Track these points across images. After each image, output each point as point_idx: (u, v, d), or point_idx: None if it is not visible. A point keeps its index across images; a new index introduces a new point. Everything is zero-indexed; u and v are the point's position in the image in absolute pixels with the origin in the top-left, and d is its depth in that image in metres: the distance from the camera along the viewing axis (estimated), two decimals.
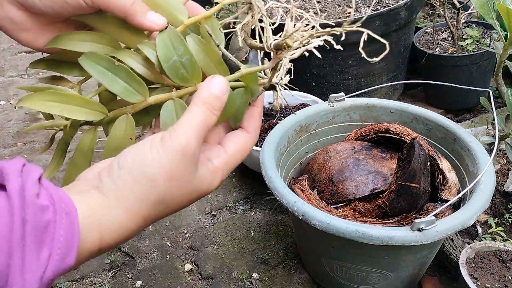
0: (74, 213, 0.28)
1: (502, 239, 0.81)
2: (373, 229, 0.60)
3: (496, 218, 0.87)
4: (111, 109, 0.39)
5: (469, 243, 0.76)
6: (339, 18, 1.21)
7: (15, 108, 1.46)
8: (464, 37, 1.30)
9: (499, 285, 0.68)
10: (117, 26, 0.38)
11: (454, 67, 1.27)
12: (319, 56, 0.36)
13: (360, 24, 0.32)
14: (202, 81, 0.36)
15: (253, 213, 1.04)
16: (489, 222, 0.85)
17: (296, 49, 0.32)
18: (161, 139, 0.31)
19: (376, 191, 0.75)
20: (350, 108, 0.92)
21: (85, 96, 0.38)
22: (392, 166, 0.79)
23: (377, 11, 1.17)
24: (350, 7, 1.28)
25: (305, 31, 0.32)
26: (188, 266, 0.91)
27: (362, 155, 0.82)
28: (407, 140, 0.80)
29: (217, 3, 0.38)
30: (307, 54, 0.34)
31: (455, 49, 1.28)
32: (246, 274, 0.88)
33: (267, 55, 0.36)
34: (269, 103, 1.26)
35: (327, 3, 1.34)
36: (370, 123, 0.90)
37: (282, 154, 0.84)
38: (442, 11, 1.31)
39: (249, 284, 0.86)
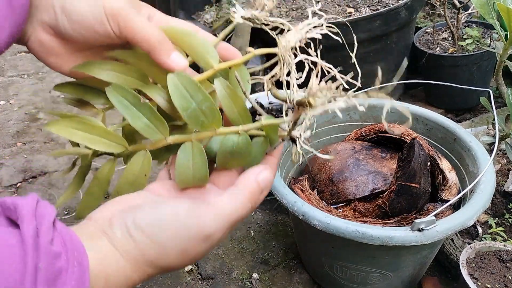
0: (85, 263, 0.28)
1: (502, 239, 0.81)
2: (373, 229, 0.60)
3: (497, 218, 0.87)
4: (133, 140, 0.39)
5: (469, 243, 0.76)
6: (339, 17, 1.21)
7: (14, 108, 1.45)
8: (464, 37, 1.30)
9: (499, 285, 0.67)
10: (144, 61, 0.38)
11: (454, 67, 1.26)
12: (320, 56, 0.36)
13: (384, 91, 0.31)
14: (223, 125, 0.37)
15: (253, 213, 1.04)
16: (489, 222, 0.85)
17: (318, 107, 0.32)
18: (187, 214, 0.31)
19: (376, 191, 0.75)
20: (350, 108, 0.92)
21: (109, 126, 0.39)
22: (392, 166, 0.79)
23: (377, 11, 1.17)
24: (350, 7, 1.28)
25: (330, 89, 0.32)
26: (188, 266, 0.91)
27: (362, 155, 0.81)
28: (407, 140, 0.80)
29: (217, 2, 0.38)
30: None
31: (455, 49, 1.28)
32: (246, 274, 0.88)
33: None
34: (269, 103, 1.26)
35: (327, 3, 1.34)
36: (370, 123, 0.90)
37: (282, 154, 0.84)
38: (442, 11, 1.30)
39: (249, 284, 0.86)
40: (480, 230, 0.83)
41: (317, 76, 0.32)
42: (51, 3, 0.35)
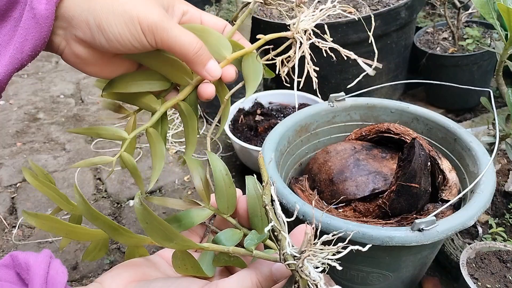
0: None
1: (502, 239, 0.80)
2: (374, 230, 0.60)
3: (497, 218, 0.86)
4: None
5: (469, 244, 0.76)
6: (339, 18, 1.20)
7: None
8: (464, 37, 1.30)
9: (499, 286, 0.67)
10: (167, 64, 0.40)
11: (454, 67, 1.26)
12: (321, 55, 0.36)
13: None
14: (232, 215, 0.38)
15: None
16: (489, 223, 0.85)
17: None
18: None
19: (377, 191, 0.75)
20: (350, 108, 0.92)
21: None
22: (392, 166, 0.79)
23: (377, 11, 1.16)
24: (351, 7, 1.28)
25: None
26: None
27: (363, 155, 0.81)
28: (407, 140, 0.80)
29: (217, 2, 0.38)
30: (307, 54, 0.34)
31: (456, 49, 1.28)
32: None
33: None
34: (269, 103, 1.26)
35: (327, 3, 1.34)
36: (371, 123, 0.90)
37: (282, 154, 0.84)
38: (443, 10, 1.30)
39: None
40: (480, 230, 0.83)
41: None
42: (85, 20, 0.36)
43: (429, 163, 0.70)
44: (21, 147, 1.32)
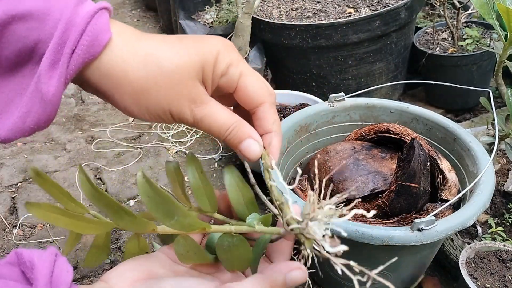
0: None
1: (502, 239, 0.81)
2: (373, 229, 0.60)
3: (496, 218, 0.87)
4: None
5: (469, 243, 0.76)
6: (339, 18, 1.21)
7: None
8: (464, 37, 1.30)
9: (499, 285, 0.67)
10: None
11: (454, 67, 1.27)
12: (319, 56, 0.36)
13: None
14: (218, 212, 0.36)
15: None
16: (489, 222, 0.85)
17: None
18: None
19: (376, 191, 0.75)
20: (350, 108, 0.92)
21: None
22: (392, 166, 0.79)
23: (377, 11, 1.17)
24: (350, 7, 1.28)
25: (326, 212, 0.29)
26: None
27: (362, 155, 0.82)
28: (407, 140, 0.80)
29: (217, 2, 0.38)
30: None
31: (455, 49, 1.28)
32: None
33: None
34: None
35: (327, 3, 1.34)
36: (370, 123, 0.90)
37: (282, 154, 0.84)
38: (442, 11, 1.31)
39: None
40: (479, 230, 0.83)
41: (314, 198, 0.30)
42: (117, 102, 0.34)
43: (428, 163, 0.70)
44: (21, 147, 1.32)
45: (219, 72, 0.35)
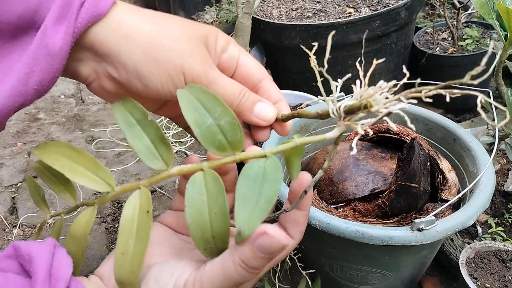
0: None
1: (502, 239, 0.81)
2: (373, 229, 0.60)
3: (496, 218, 0.87)
4: None
5: (469, 243, 0.76)
6: (339, 18, 1.21)
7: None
8: (464, 37, 1.30)
9: (499, 285, 0.68)
10: None
11: (454, 67, 1.27)
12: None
13: None
14: (243, 150, 0.31)
15: None
16: (489, 222, 0.85)
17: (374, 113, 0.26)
18: None
19: (376, 191, 0.75)
20: None
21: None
22: (392, 166, 0.79)
23: (377, 11, 1.17)
24: (350, 7, 1.28)
25: (385, 92, 0.27)
26: None
27: (362, 155, 0.82)
28: (407, 140, 0.80)
29: (217, 2, 0.38)
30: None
31: (455, 49, 1.28)
32: None
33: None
34: None
35: (327, 3, 1.34)
36: None
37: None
38: (442, 11, 1.31)
39: None
40: (479, 230, 0.83)
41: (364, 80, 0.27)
42: (123, 63, 0.32)
43: (428, 163, 0.70)
44: (21, 147, 1.32)
45: (221, 47, 0.36)
